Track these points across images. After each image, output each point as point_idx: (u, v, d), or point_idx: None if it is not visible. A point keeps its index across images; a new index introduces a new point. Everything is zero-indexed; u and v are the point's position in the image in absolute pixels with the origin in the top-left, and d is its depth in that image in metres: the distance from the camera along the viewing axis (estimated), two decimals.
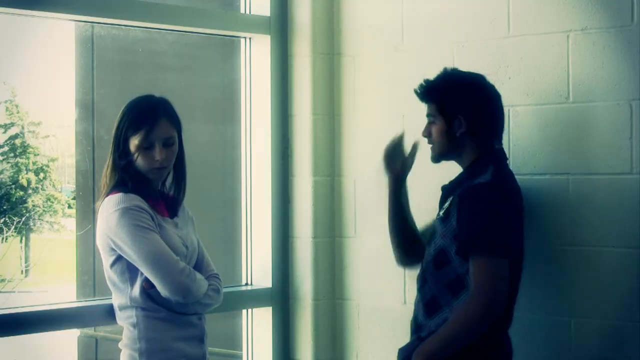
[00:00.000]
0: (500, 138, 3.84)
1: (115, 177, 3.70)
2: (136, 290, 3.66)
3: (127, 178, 3.68)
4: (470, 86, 3.81)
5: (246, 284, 4.89)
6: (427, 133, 3.83)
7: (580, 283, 3.98)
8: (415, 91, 3.85)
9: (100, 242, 3.70)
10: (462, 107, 3.76)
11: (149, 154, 3.69)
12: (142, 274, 3.64)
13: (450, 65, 4.31)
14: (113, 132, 3.73)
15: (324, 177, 4.84)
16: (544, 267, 4.08)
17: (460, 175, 3.79)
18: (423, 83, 3.84)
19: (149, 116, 3.71)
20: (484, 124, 3.78)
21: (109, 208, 3.64)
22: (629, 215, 3.86)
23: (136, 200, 3.64)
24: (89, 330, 5.78)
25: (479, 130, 3.76)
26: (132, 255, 3.61)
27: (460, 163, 3.82)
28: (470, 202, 3.61)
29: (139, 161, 3.68)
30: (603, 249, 3.91)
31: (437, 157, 3.85)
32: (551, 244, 4.06)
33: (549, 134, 4.08)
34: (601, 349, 3.96)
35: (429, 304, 3.73)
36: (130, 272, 3.67)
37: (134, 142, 3.68)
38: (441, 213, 3.73)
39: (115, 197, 3.64)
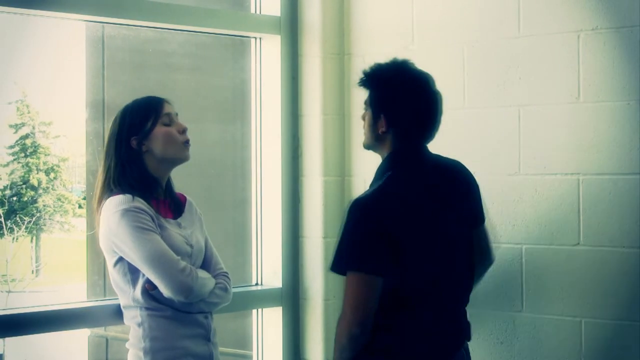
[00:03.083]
0: (426, 138, 3.65)
1: (118, 177, 3.71)
2: (138, 291, 3.67)
3: (131, 178, 3.70)
4: (399, 86, 3.60)
5: (256, 284, 4.90)
6: (363, 118, 3.69)
7: (590, 283, 3.98)
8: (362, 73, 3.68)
9: (103, 244, 3.71)
10: (385, 106, 3.58)
11: (171, 130, 3.74)
12: (143, 274, 3.65)
13: (460, 65, 4.32)
14: (112, 134, 3.75)
15: (334, 177, 4.84)
16: (554, 268, 4.07)
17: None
18: (370, 68, 3.67)
19: (154, 100, 3.79)
20: (406, 127, 3.60)
21: (110, 209, 3.65)
22: (639, 216, 3.85)
23: (136, 201, 3.65)
24: (100, 330, 5.78)
25: (400, 131, 3.59)
26: (132, 257, 3.62)
27: (381, 157, 3.68)
28: (344, 218, 3.50)
29: (162, 143, 3.71)
30: (614, 249, 3.91)
31: (364, 146, 3.70)
32: (562, 244, 4.05)
33: (559, 133, 4.08)
34: (611, 350, 3.95)
35: None
36: (131, 273, 3.67)
37: (148, 125, 3.71)
38: None
39: (116, 199, 3.65)
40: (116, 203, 3.64)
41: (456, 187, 3.65)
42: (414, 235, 3.48)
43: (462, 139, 4.34)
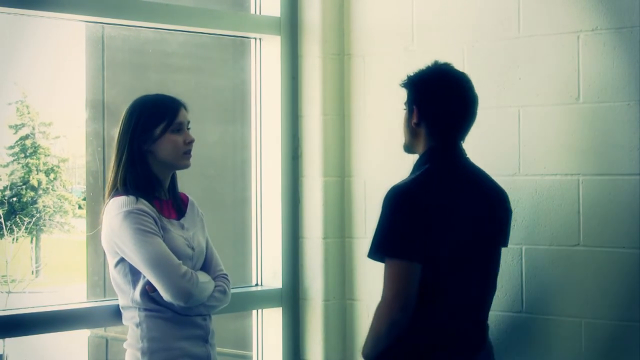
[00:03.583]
0: (460, 137, 3.71)
1: (124, 176, 3.70)
2: (137, 292, 3.67)
3: (136, 178, 3.69)
4: (433, 81, 3.71)
5: (256, 285, 4.90)
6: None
7: (590, 283, 3.98)
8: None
9: (105, 244, 3.71)
10: (418, 99, 3.67)
11: (177, 138, 3.72)
12: (144, 276, 3.65)
13: (460, 65, 4.32)
14: (122, 131, 3.73)
15: (334, 177, 4.84)
16: (555, 268, 4.07)
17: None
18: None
19: (171, 104, 3.76)
20: (436, 120, 3.67)
21: (113, 210, 3.65)
22: (639, 216, 3.85)
23: (140, 203, 3.64)
24: (99, 331, 5.78)
25: (431, 125, 3.66)
26: (134, 259, 3.62)
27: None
28: (382, 206, 3.57)
29: (165, 148, 3.70)
30: (614, 250, 3.91)
31: (404, 147, 3.78)
32: (562, 245, 4.05)
33: (559, 134, 4.08)
34: (611, 350, 3.95)
35: None
36: (132, 274, 3.67)
37: (158, 130, 3.70)
38: None
39: (119, 200, 3.65)
40: (119, 204, 3.64)
41: (489, 195, 3.71)
42: (446, 227, 3.54)
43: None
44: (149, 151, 3.72)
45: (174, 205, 3.81)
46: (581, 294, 4.00)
